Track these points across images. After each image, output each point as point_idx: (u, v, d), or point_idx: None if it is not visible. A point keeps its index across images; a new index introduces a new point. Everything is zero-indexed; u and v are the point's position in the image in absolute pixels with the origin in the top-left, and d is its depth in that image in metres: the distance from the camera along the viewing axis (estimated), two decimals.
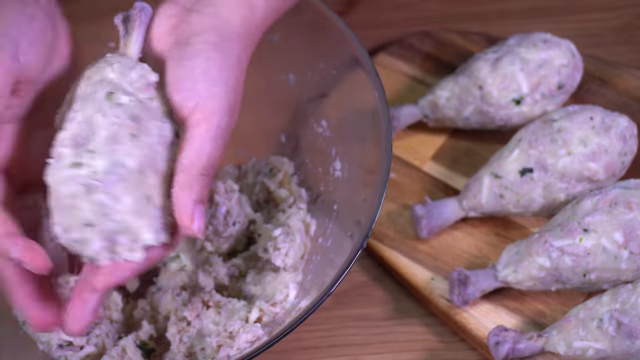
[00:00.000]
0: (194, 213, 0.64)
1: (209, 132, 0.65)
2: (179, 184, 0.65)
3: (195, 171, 0.65)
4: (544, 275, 0.78)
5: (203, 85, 0.66)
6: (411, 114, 0.92)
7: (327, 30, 0.81)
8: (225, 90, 0.66)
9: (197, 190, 0.64)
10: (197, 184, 0.64)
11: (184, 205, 0.64)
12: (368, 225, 0.71)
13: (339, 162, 0.81)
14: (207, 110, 0.66)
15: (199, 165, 0.65)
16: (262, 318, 0.77)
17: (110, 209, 0.65)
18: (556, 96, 0.88)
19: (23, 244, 0.63)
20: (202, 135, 0.65)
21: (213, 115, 0.66)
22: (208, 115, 0.66)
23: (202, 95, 0.66)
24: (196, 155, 0.65)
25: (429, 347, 0.81)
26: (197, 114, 0.66)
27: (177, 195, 0.65)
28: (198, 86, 0.66)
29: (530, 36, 0.89)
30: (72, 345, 0.78)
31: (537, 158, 0.82)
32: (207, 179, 0.65)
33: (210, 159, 0.65)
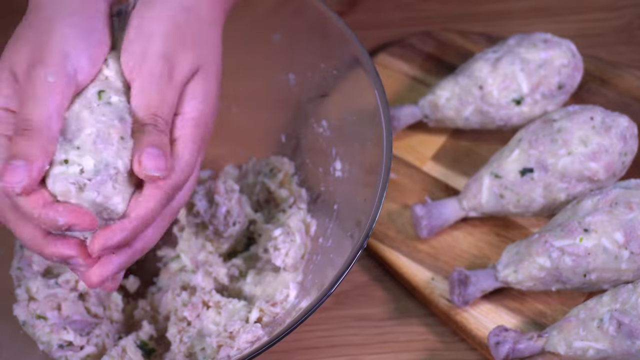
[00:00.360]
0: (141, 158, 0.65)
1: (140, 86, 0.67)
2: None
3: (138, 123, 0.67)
4: (544, 276, 0.78)
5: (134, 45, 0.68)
6: (411, 114, 0.92)
7: (327, 30, 0.81)
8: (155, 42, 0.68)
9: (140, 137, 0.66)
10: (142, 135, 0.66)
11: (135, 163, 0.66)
12: (368, 226, 0.71)
13: (340, 162, 0.81)
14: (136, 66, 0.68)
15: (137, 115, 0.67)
16: (262, 318, 0.77)
17: (100, 206, 0.65)
18: (556, 96, 0.88)
19: (63, 209, 0.64)
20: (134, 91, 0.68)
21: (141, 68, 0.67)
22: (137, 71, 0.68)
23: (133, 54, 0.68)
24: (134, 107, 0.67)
25: (429, 347, 0.81)
26: (134, 72, 0.68)
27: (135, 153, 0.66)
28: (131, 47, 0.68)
29: (530, 36, 0.89)
30: (72, 345, 0.78)
31: (538, 158, 0.82)
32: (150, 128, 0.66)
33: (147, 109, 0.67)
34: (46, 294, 0.80)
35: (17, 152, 0.63)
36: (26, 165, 0.63)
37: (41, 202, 0.64)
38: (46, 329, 0.79)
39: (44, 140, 0.64)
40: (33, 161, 0.63)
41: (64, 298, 0.80)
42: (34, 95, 0.65)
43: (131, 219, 0.66)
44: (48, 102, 0.65)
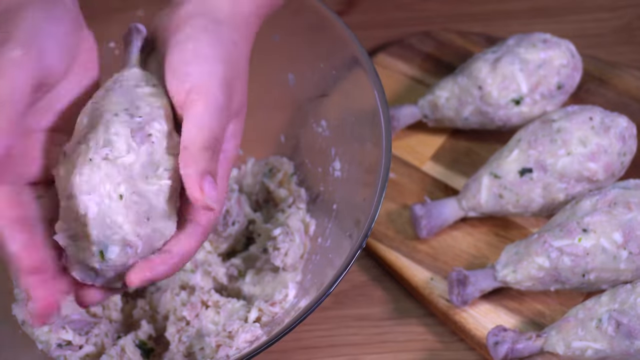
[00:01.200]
0: (203, 184, 0.63)
1: (206, 108, 0.65)
2: (182, 162, 0.64)
3: (197, 146, 0.64)
4: (543, 276, 0.78)
5: (194, 66, 0.66)
6: (411, 114, 0.92)
7: (327, 30, 0.81)
8: (217, 67, 0.66)
9: (201, 164, 0.63)
10: (201, 158, 0.64)
11: (191, 180, 0.63)
12: (367, 225, 0.71)
13: (339, 162, 0.81)
14: (202, 88, 0.65)
15: (200, 140, 0.64)
16: (261, 318, 0.77)
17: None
18: (556, 96, 0.88)
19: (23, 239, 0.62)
20: (199, 111, 0.65)
21: (208, 91, 0.65)
22: (203, 93, 0.65)
23: (194, 76, 0.66)
24: (195, 131, 0.64)
25: (428, 347, 0.82)
26: (193, 95, 0.65)
27: (183, 174, 0.64)
28: (189, 68, 0.66)
29: (529, 36, 0.89)
30: (71, 344, 0.78)
31: (537, 158, 0.82)
32: (211, 153, 0.64)
33: (211, 133, 0.64)
34: None
35: None
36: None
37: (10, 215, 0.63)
38: (45, 328, 0.79)
39: (8, 114, 0.61)
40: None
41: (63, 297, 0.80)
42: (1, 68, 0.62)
43: (173, 255, 0.65)
44: (11, 76, 0.62)
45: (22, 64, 0.63)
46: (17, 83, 0.62)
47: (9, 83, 0.62)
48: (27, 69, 0.63)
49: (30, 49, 0.63)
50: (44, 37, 0.64)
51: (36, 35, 0.64)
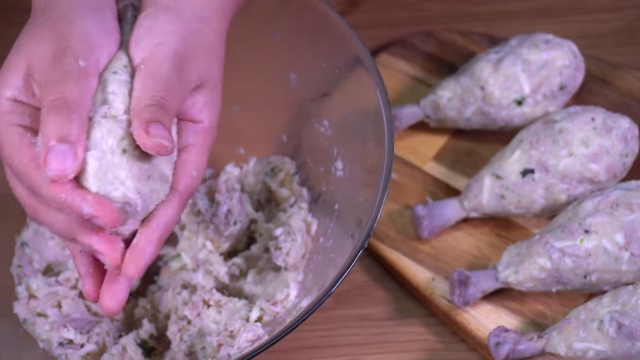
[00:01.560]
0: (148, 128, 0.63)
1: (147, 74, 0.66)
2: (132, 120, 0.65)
3: (140, 105, 0.65)
4: (544, 277, 0.78)
5: (145, 41, 0.67)
6: (413, 114, 0.92)
7: (329, 29, 0.81)
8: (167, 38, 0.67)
9: (145, 115, 0.64)
10: (144, 111, 0.64)
11: (136, 130, 0.64)
12: (369, 226, 0.71)
13: (341, 162, 0.81)
14: (147, 58, 0.67)
15: (143, 100, 0.65)
16: (262, 317, 0.77)
17: None
18: (558, 97, 0.88)
19: (92, 198, 0.63)
20: (142, 78, 0.66)
21: (152, 60, 0.66)
22: (148, 62, 0.66)
23: (144, 49, 0.67)
24: (138, 94, 0.65)
25: (429, 348, 0.81)
26: (140, 65, 0.67)
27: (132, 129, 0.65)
28: (141, 43, 0.67)
29: (532, 37, 0.89)
30: (72, 343, 0.78)
31: (539, 159, 0.82)
32: (156, 108, 0.64)
33: (153, 92, 0.65)
34: (46, 291, 0.80)
35: (56, 133, 0.62)
36: (71, 148, 0.61)
37: (69, 187, 0.63)
38: (46, 326, 0.79)
39: (83, 120, 0.63)
40: (76, 142, 0.62)
41: (64, 296, 0.80)
42: (69, 76, 0.63)
43: (154, 228, 0.66)
44: (84, 83, 0.64)
45: (88, 71, 0.65)
46: (87, 89, 0.64)
47: (81, 90, 0.64)
48: (92, 79, 0.65)
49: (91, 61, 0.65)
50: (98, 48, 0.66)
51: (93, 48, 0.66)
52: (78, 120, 0.62)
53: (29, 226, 0.84)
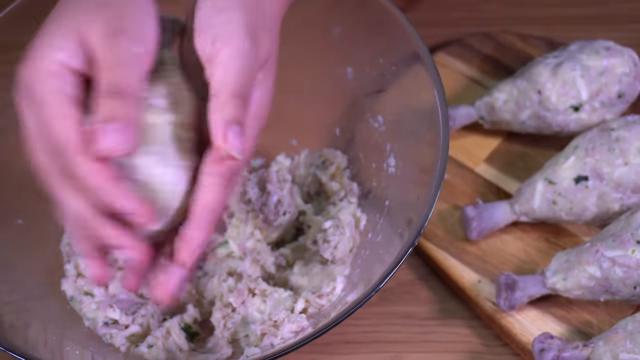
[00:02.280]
0: (227, 132, 0.63)
1: (231, 55, 0.64)
2: (210, 110, 0.64)
3: (224, 93, 0.64)
4: (593, 285, 0.78)
5: (215, 17, 0.66)
6: (467, 114, 0.91)
7: (389, 24, 0.80)
8: (237, 13, 0.65)
9: (228, 110, 0.63)
10: (228, 105, 0.64)
11: (215, 127, 0.63)
12: (420, 224, 0.71)
13: (393, 159, 0.81)
14: (225, 36, 0.65)
15: (226, 87, 0.64)
16: (307, 309, 0.77)
17: None
18: (615, 105, 0.87)
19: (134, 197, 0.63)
20: (224, 59, 0.65)
21: (232, 37, 0.65)
22: (227, 40, 0.65)
23: (216, 26, 0.65)
24: (222, 78, 0.64)
25: (471, 350, 0.81)
26: (217, 44, 0.65)
27: (210, 120, 0.64)
28: (211, 20, 0.66)
29: (592, 43, 0.88)
30: (117, 323, 0.79)
31: (593, 166, 0.82)
32: (239, 100, 0.64)
33: (238, 79, 0.64)
34: None
35: (111, 114, 0.61)
36: (126, 128, 0.61)
37: (109, 174, 0.62)
38: (92, 305, 0.79)
39: (137, 106, 0.62)
40: (130, 124, 0.61)
41: (112, 276, 0.81)
42: (125, 62, 0.63)
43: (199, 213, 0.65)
44: (137, 71, 0.63)
45: (142, 59, 0.64)
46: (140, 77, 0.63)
47: (135, 77, 0.63)
48: (147, 65, 0.64)
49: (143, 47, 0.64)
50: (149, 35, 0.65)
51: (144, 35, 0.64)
52: (133, 106, 0.62)
53: None
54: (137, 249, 0.65)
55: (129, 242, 0.65)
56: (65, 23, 0.64)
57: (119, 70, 0.63)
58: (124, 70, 0.63)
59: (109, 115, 0.61)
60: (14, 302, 0.77)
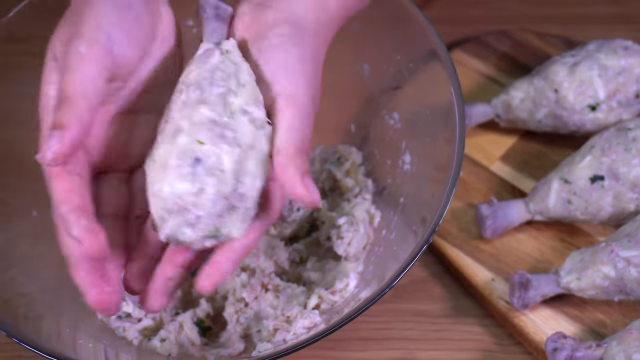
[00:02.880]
0: (307, 184, 0.64)
1: (297, 114, 0.66)
2: (281, 166, 0.65)
3: (292, 149, 0.65)
4: (607, 285, 0.77)
5: (283, 75, 0.67)
6: (483, 112, 0.91)
7: (406, 22, 0.80)
8: (305, 80, 0.67)
9: (299, 164, 0.65)
10: (297, 158, 0.65)
11: (294, 181, 0.64)
12: (434, 222, 0.71)
13: (409, 156, 0.81)
14: (291, 96, 0.66)
15: (293, 143, 0.65)
16: (320, 305, 0.78)
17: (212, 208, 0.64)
18: (633, 105, 0.87)
19: (86, 224, 0.63)
20: (290, 117, 0.66)
21: (297, 99, 0.66)
22: (292, 100, 0.66)
23: (282, 84, 0.67)
24: (289, 135, 0.66)
25: (484, 348, 0.81)
26: (282, 102, 0.66)
27: (283, 176, 0.65)
28: (278, 76, 0.67)
29: (610, 42, 0.88)
30: (130, 317, 0.79)
31: (609, 166, 0.81)
32: (304, 155, 0.65)
33: (304, 136, 0.66)
34: None
35: (53, 122, 0.62)
36: (59, 134, 0.61)
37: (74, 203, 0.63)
38: None
39: (78, 109, 0.62)
40: (66, 129, 0.61)
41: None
42: (68, 67, 0.63)
43: (237, 251, 0.66)
44: (81, 71, 0.63)
45: (89, 58, 0.63)
46: (86, 77, 0.63)
47: (79, 78, 0.63)
48: (95, 62, 0.64)
49: (94, 43, 0.64)
50: (110, 28, 0.65)
51: (100, 29, 0.64)
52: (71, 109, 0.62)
53: None
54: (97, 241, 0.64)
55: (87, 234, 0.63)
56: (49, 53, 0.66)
57: (64, 76, 0.63)
58: (67, 75, 0.63)
59: (52, 124, 0.62)
60: (28, 294, 0.77)
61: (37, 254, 0.79)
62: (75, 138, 0.62)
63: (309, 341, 0.70)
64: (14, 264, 0.77)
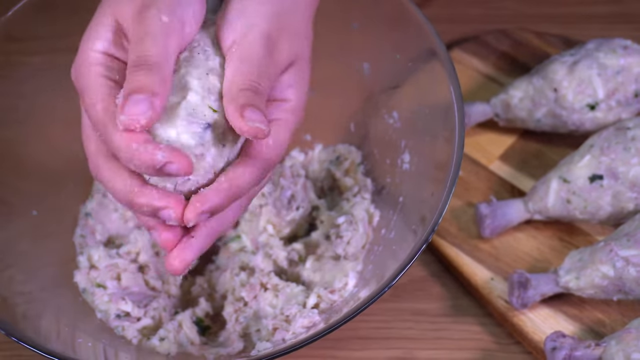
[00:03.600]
0: (243, 112, 0.64)
1: (241, 58, 0.66)
2: (225, 105, 0.65)
3: (235, 89, 0.65)
4: (606, 284, 0.77)
5: (237, 21, 0.67)
6: (482, 111, 0.91)
7: (406, 21, 0.80)
8: (259, 20, 0.67)
9: (240, 99, 0.64)
10: (239, 95, 0.64)
11: (231, 113, 0.64)
12: (434, 221, 0.71)
13: (408, 155, 0.81)
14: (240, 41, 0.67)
15: (236, 84, 0.65)
16: (319, 304, 0.77)
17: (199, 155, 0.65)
18: (632, 104, 0.87)
19: (165, 146, 0.62)
20: (235, 61, 0.66)
21: (244, 43, 0.66)
22: (240, 45, 0.66)
23: (236, 30, 0.67)
24: (231, 77, 0.65)
25: (483, 347, 0.81)
26: (233, 47, 0.67)
27: (226, 113, 0.65)
28: (234, 23, 0.67)
29: (610, 41, 0.88)
30: (129, 316, 0.79)
31: (608, 165, 0.81)
32: (250, 93, 0.65)
33: (246, 77, 0.65)
34: (107, 263, 0.81)
35: (137, 86, 0.62)
36: (149, 98, 0.61)
37: (142, 139, 0.62)
38: (105, 297, 0.80)
39: (164, 76, 0.63)
40: (156, 94, 0.62)
41: (124, 269, 0.81)
42: (150, 33, 0.64)
43: (222, 183, 0.65)
44: (165, 40, 0.64)
45: (171, 28, 0.64)
46: (169, 46, 0.64)
47: (162, 47, 0.64)
48: (176, 34, 0.65)
49: (175, 17, 0.65)
50: (185, 5, 0.66)
51: (180, 3, 0.65)
52: (158, 76, 0.63)
53: (93, 197, 0.85)
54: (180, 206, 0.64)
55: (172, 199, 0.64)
56: (104, 11, 0.66)
57: (145, 41, 0.64)
58: (149, 41, 0.63)
59: (133, 87, 0.62)
60: (27, 293, 0.77)
61: (36, 252, 0.79)
62: (163, 104, 0.62)
63: (308, 340, 0.70)
64: (13, 263, 0.77)
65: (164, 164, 0.62)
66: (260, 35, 0.67)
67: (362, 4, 0.81)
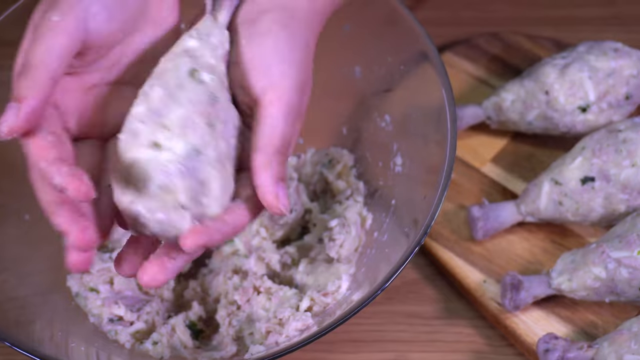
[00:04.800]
0: (278, 191, 0.63)
1: (281, 110, 0.65)
2: (257, 165, 0.64)
3: (272, 150, 0.64)
4: (598, 286, 0.77)
5: (275, 65, 0.66)
6: (474, 114, 0.91)
7: (397, 24, 0.80)
8: (295, 69, 0.66)
9: (275, 168, 0.64)
10: (275, 162, 0.64)
11: (266, 185, 0.63)
12: (427, 224, 0.71)
13: (400, 158, 0.81)
14: (279, 89, 0.65)
15: (274, 144, 0.64)
16: (312, 307, 0.77)
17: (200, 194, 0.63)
18: (623, 106, 0.87)
19: (67, 170, 0.60)
20: (275, 114, 0.65)
21: (284, 94, 0.65)
22: (280, 95, 0.65)
23: (273, 75, 0.65)
24: (270, 134, 0.64)
25: (476, 349, 0.81)
26: (269, 94, 0.65)
27: (257, 176, 0.64)
28: (270, 66, 0.66)
29: (601, 44, 0.88)
30: (122, 320, 0.79)
31: (600, 167, 0.82)
32: (284, 157, 0.64)
33: (285, 137, 0.65)
34: (100, 267, 0.81)
35: (15, 93, 0.61)
36: (16, 106, 0.61)
37: (51, 157, 0.61)
38: (98, 302, 0.79)
39: (38, 78, 0.61)
40: (22, 100, 0.61)
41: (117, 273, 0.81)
42: (37, 36, 0.63)
43: (228, 224, 0.64)
44: (48, 40, 0.62)
45: (59, 28, 0.63)
46: (52, 47, 0.62)
47: (44, 47, 0.62)
48: (65, 33, 0.63)
49: (68, 15, 0.63)
50: (90, 1, 0.64)
51: (80, 1, 0.64)
52: (32, 81, 0.61)
53: None
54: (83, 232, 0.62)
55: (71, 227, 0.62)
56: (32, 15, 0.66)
57: (33, 44, 0.63)
58: (35, 44, 0.63)
59: (13, 94, 0.61)
60: (19, 298, 0.77)
61: (28, 257, 0.79)
62: (31, 111, 0.61)
63: (301, 343, 0.70)
64: (6, 268, 0.77)
65: (61, 189, 0.60)
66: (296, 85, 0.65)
67: (353, 6, 0.81)
